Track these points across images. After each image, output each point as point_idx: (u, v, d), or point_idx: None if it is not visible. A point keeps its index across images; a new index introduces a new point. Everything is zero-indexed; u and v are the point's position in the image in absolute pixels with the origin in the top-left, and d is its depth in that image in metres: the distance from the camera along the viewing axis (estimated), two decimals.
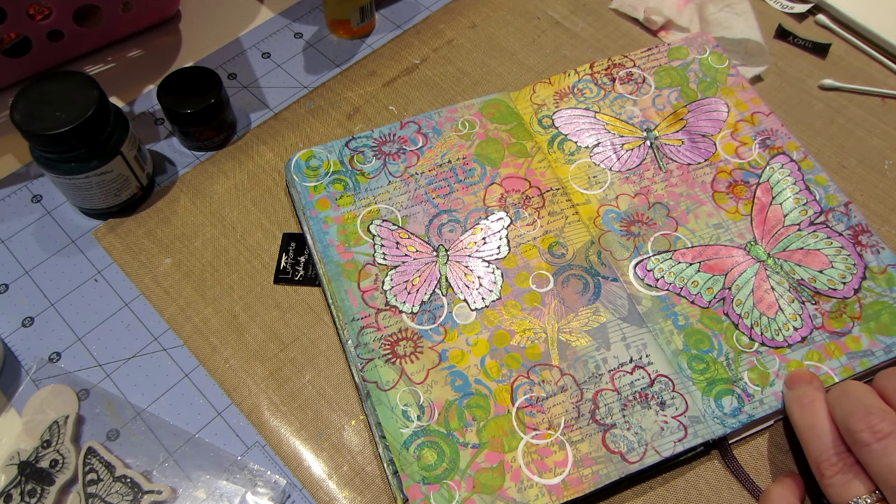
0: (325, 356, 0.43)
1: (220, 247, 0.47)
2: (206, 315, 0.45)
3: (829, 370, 0.40)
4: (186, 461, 0.40)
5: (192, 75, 0.50)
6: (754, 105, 0.50)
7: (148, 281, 0.46)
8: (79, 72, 0.44)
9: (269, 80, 0.56)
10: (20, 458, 0.39)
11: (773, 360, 0.41)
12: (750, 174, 0.48)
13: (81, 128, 0.42)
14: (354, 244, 0.45)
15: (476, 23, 0.58)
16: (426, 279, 0.44)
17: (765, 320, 0.42)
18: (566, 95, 0.51)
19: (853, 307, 0.42)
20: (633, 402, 0.40)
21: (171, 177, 0.51)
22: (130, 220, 0.49)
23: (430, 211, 0.46)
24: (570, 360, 0.41)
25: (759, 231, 0.45)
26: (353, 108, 0.54)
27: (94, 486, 0.39)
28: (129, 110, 0.54)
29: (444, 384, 0.40)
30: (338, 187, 0.47)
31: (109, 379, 0.43)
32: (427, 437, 0.39)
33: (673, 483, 0.39)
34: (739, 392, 0.40)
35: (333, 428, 0.41)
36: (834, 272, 0.44)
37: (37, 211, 0.49)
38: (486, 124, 0.50)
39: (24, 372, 0.43)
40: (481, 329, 0.42)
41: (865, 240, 0.45)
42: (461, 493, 0.37)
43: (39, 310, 0.45)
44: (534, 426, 0.39)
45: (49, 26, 0.51)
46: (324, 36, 0.58)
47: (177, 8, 0.59)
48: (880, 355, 0.41)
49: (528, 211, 0.46)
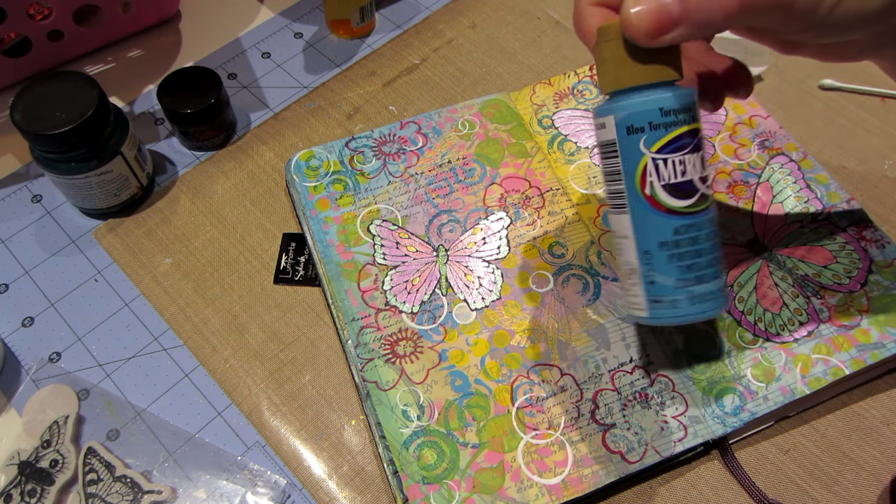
0: (325, 356, 0.43)
1: (220, 247, 0.47)
2: (206, 315, 0.45)
3: (838, 363, 0.40)
4: (186, 461, 0.40)
5: (192, 75, 0.50)
6: (752, 108, 0.50)
7: (148, 281, 0.46)
8: (79, 72, 0.44)
9: (269, 80, 0.56)
10: (20, 458, 0.39)
11: (779, 354, 0.41)
12: (750, 174, 0.48)
13: (81, 128, 0.42)
14: (354, 244, 0.45)
15: (476, 23, 0.58)
16: (426, 279, 0.44)
17: (769, 316, 0.42)
18: (566, 96, 0.51)
19: (860, 300, 0.42)
20: (633, 402, 0.40)
21: (171, 177, 0.51)
22: (130, 220, 0.49)
23: (430, 211, 0.46)
24: (570, 360, 0.41)
25: (761, 229, 0.45)
26: (353, 108, 0.54)
27: (94, 486, 0.39)
28: (129, 110, 0.54)
29: (444, 384, 0.40)
30: (338, 187, 0.47)
31: (109, 379, 0.43)
32: (427, 437, 0.39)
33: (673, 483, 0.39)
34: (742, 390, 0.40)
35: (333, 428, 0.41)
36: (839, 267, 0.44)
37: (37, 211, 0.49)
38: (486, 124, 0.50)
39: (24, 372, 0.43)
40: (481, 329, 0.42)
41: (869, 235, 0.45)
42: (461, 492, 0.37)
43: (39, 310, 0.45)
44: (534, 426, 0.39)
45: (49, 26, 0.51)
46: (324, 36, 0.58)
47: (177, 8, 0.59)
48: (892, 347, 0.41)
49: (528, 211, 0.46)
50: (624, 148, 0.31)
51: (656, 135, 0.30)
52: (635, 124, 0.30)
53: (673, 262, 0.31)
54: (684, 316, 0.31)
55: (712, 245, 0.31)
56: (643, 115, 0.30)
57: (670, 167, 0.30)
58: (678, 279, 0.31)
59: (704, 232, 0.31)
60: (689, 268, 0.31)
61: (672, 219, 0.31)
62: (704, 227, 0.31)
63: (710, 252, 0.31)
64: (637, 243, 0.32)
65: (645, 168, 0.30)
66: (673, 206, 0.30)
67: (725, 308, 0.31)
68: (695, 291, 0.31)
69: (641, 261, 0.32)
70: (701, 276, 0.31)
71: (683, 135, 0.30)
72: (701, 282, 0.31)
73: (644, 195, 0.31)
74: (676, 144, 0.30)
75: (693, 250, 0.31)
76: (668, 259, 0.31)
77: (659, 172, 0.30)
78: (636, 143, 0.30)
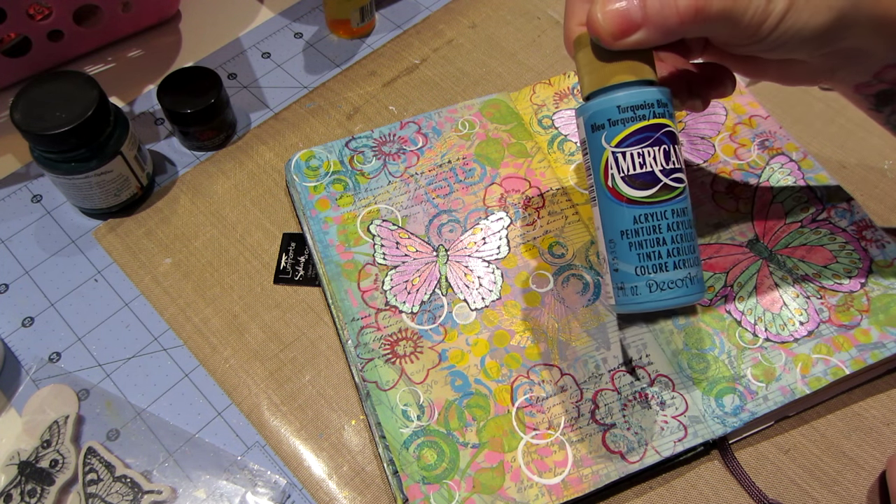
0: (325, 356, 0.43)
1: (220, 247, 0.47)
2: (206, 315, 0.45)
3: (839, 362, 0.40)
4: (186, 461, 0.40)
5: (192, 75, 0.50)
6: (752, 108, 0.50)
7: (148, 281, 0.46)
8: (79, 72, 0.44)
9: (269, 80, 0.56)
10: (20, 458, 0.39)
11: (780, 354, 0.41)
12: (749, 174, 0.48)
13: (81, 128, 0.42)
14: (354, 244, 0.45)
15: (476, 23, 0.58)
16: (426, 279, 0.44)
17: (769, 316, 0.42)
18: (566, 97, 0.51)
19: (860, 300, 0.42)
20: (633, 402, 0.40)
21: (171, 177, 0.51)
22: (130, 220, 0.49)
23: (430, 211, 0.46)
24: (570, 360, 0.41)
25: (761, 229, 0.45)
26: (353, 108, 0.54)
27: (94, 486, 0.39)
28: (129, 110, 0.54)
29: (444, 384, 0.40)
30: (338, 187, 0.47)
31: (109, 379, 0.43)
32: (427, 437, 0.39)
33: (673, 483, 0.39)
34: (742, 390, 0.40)
35: (333, 428, 0.41)
36: (839, 267, 0.44)
37: (37, 211, 0.49)
38: (486, 124, 0.50)
39: (24, 372, 0.43)
40: (481, 329, 0.42)
41: (870, 234, 0.45)
42: (461, 492, 0.37)
43: (39, 310, 0.45)
44: (534, 426, 0.39)
45: (49, 26, 0.51)
46: (324, 36, 0.58)
47: (177, 8, 0.59)
48: (892, 347, 0.41)
49: (528, 211, 0.46)
50: (590, 144, 0.33)
51: (615, 130, 0.32)
52: (597, 122, 0.33)
53: (633, 249, 0.33)
54: (644, 303, 0.33)
55: (677, 235, 0.33)
56: (602, 112, 0.32)
57: (629, 160, 0.32)
58: (637, 266, 0.33)
59: (667, 222, 0.32)
60: (649, 255, 0.32)
61: (631, 208, 0.32)
62: (667, 217, 0.32)
63: (673, 241, 0.32)
64: (604, 233, 0.34)
65: (607, 162, 0.33)
66: (632, 196, 0.32)
67: (694, 299, 0.32)
68: (655, 279, 0.32)
69: (608, 249, 0.34)
70: (662, 264, 0.32)
71: (642, 129, 0.32)
72: (661, 270, 0.32)
73: (607, 187, 0.33)
74: (635, 139, 0.32)
75: (652, 238, 0.32)
76: (628, 247, 0.33)
77: (619, 165, 0.32)
78: (599, 139, 0.33)
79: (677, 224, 0.32)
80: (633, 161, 0.32)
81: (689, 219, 0.33)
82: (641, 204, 0.32)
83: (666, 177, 0.32)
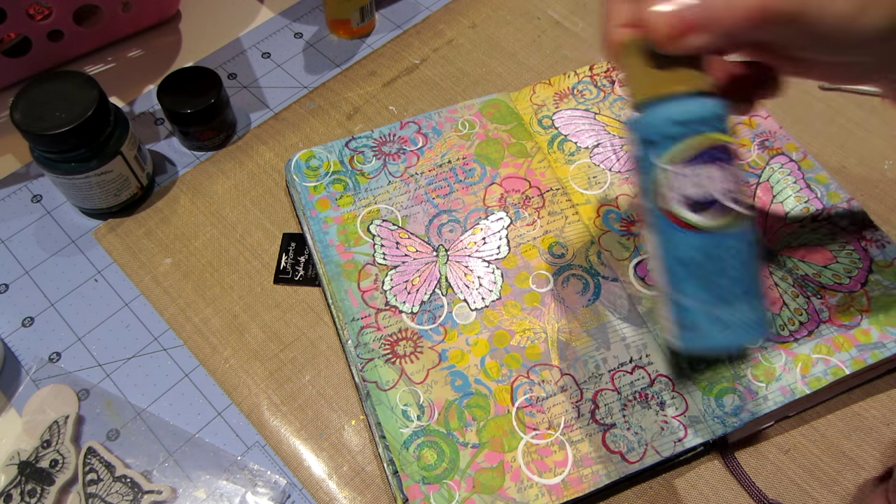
0: (325, 356, 0.43)
1: (220, 247, 0.47)
2: (206, 315, 0.45)
3: (839, 362, 0.40)
4: (186, 461, 0.40)
5: (192, 75, 0.50)
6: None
7: (148, 281, 0.46)
8: (79, 72, 0.44)
9: (269, 80, 0.56)
10: (20, 458, 0.39)
11: (780, 354, 0.41)
12: (749, 174, 0.48)
13: (81, 128, 0.42)
14: (354, 244, 0.45)
15: (476, 23, 0.58)
16: (426, 279, 0.44)
17: (769, 316, 0.42)
18: (566, 97, 0.51)
19: (860, 300, 0.42)
20: (633, 402, 0.40)
21: (171, 177, 0.51)
22: (130, 220, 0.49)
23: (430, 211, 0.46)
24: (570, 360, 0.41)
25: (761, 229, 0.45)
26: (353, 108, 0.54)
27: (94, 486, 0.39)
28: (129, 110, 0.54)
29: (444, 384, 0.40)
30: (338, 187, 0.47)
31: (109, 379, 0.43)
32: (427, 437, 0.39)
33: (673, 483, 0.39)
34: (742, 390, 0.40)
35: (333, 428, 0.41)
36: (839, 267, 0.44)
37: (37, 211, 0.49)
38: (486, 124, 0.50)
39: (24, 372, 0.43)
40: (481, 329, 0.42)
41: (869, 234, 0.45)
42: (461, 492, 0.37)
43: (39, 310, 0.45)
44: (534, 426, 0.39)
45: (49, 26, 0.51)
46: (324, 36, 0.58)
47: (177, 8, 0.59)
48: (892, 347, 0.41)
49: (528, 211, 0.46)
50: (642, 161, 0.30)
51: (670, 146, 0.29)
52: (650, 136, 0.29)
53: (695, 281, 0.29)
54: (709, 342, 0.29)
55: (744, 267, 0.29)
56: (657, 126, 0.29)
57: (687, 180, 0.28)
58: (701, 300, 0.29)
59: (733, 251, 0.29)
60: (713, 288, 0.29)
61: (694, 236, 0.29)
62: (734, 247, 0.29)
63: (739, 274, 0.29)
64: (660, 261, 0.30)
65: (663, 182, 0.29)
66: (694, 221, 0.29)
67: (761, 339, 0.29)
68: (721, 316, 0.29)
69: (666, 279, 0.30)
70: (727, 299, 0.29)
71: (702, 146, 0.28)
72: (727, 305, 0.29)
73: (662, 210, 0.29)
74: (694, 156, 0.28)
75: (718, 269, 0.29)
76: (690, 278, 0.29)
77: (676, 186, 0.29)
78: (653, 156, 0.29)
79: (744, 255, 0.29)
80: (693, 182, 0.28)
81: (754, 250, 0.30)
82: (703, 231, 0.29)
83: (731, 201, 0.29)
